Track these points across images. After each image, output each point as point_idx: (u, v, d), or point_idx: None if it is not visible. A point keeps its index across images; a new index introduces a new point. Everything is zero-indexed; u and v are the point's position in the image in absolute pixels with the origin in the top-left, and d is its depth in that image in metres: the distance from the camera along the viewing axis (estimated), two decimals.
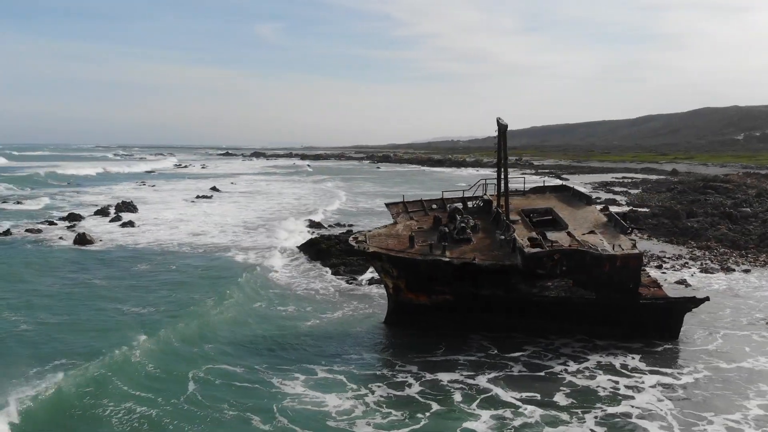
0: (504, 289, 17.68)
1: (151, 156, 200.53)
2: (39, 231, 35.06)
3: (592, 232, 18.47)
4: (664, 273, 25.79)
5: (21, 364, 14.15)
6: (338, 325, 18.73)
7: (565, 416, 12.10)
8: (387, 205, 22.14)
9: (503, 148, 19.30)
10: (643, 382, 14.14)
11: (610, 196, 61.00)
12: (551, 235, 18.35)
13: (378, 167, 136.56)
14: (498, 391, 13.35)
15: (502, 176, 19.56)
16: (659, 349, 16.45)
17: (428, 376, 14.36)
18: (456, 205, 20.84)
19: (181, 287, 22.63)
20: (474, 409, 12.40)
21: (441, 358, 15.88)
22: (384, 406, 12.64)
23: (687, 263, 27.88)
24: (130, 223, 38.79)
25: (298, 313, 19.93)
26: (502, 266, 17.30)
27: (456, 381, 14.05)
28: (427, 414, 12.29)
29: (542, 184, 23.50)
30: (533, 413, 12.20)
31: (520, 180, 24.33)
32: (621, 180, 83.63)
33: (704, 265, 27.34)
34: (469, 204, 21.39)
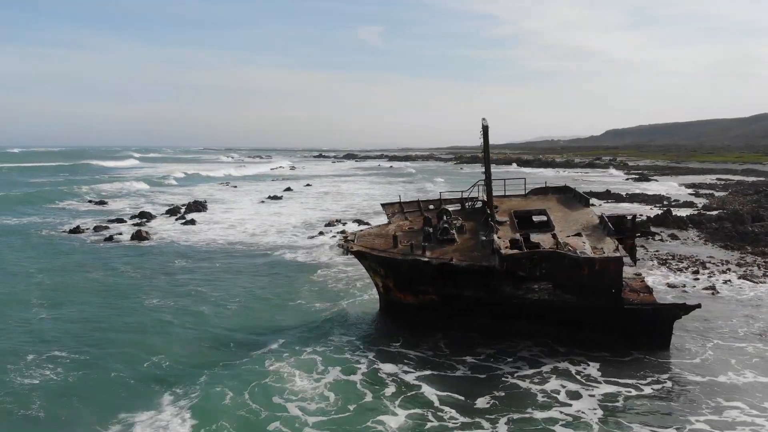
0: (486, 291, 17.54)
1: (248, 158, 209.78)
2: (106, 228, 38.13)
3: (578, 234, 17.94)
4: (696, 279, 24.34)
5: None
6: (334, 315, 19.44)
7: (477, 418, 12.02)
8: (383, 205, 22.44)
9: (487, 148, 19.15)
10: (590, 391, 13.68)
11: (692, 198, 57.48)
12: (535, 237, 18.03)
13: (461, 168, 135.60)
14: (427, 389, 13.42)
15: (493, 177, 19.40)
16: (628, 358, 15.71)
17: (377, 366, 14.76)
18: (446, 206, 20.80)
19: (200, 281, 24.12)
20: (395, 405, 12.63)
21: (396, 350, 16.27)
22: (326, 389, 13.34)
23: (729, 269, 26.09)
24: (192, 222, 41.33)
25: (292, 303, 20.82)
26: (480, 267, 17.18)
27: (394, 374, 14.35)
28: (354, 404, 12.71)
29: (544, 185, 22.90)
30: (447, 413, 12.21)
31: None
32: (715, 182, 78.32)
33: (748, 272, 25.48)
34: (467, 205, 21.30)
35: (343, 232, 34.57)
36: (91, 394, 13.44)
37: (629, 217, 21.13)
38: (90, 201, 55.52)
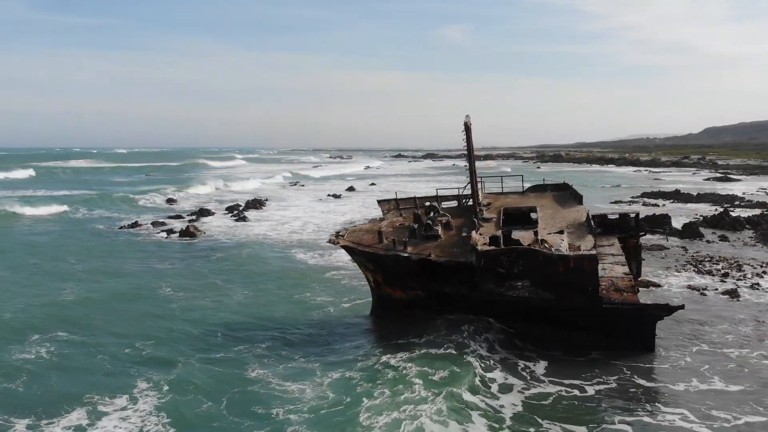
0: (468, 288, 17.58)
1: (330, 158, 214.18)
2: (162, 224, 40.62)
3: (560, 231, 17.61)
4: (723, 281, 23.17)
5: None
6: (331, 317, 19.98)
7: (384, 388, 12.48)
8: (379, 202, 22.70)
9: (470, 145, 19.11)
10: (526, 386, 13.62)
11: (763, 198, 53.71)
12: (516, 234, 17.86)
13: (538, 167, 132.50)
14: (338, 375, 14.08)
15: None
16: (582, 359, 15.38)
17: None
18: (433, 203, 20.85)
19: (218, 275, 25.48)
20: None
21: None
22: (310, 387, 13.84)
23: (766, 272, 24.50)
24: (243, 219, 43.24)
25: (293, 299, 21.59)
26: (457, 263, 17.24)
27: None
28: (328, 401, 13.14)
29: (542, 182, 22.44)
30: (335, 398, 12.72)
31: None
32: None
33: None
34: (463, 202, 21.27)
35: None
36: (72, 373, 14.70)
37: (632, 215, 20.42)
38: (168, 200, 58.53)
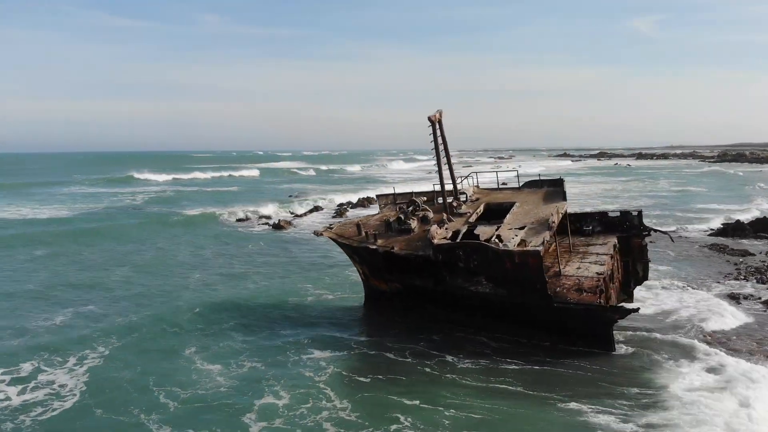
0: (433, 282, 18.01)
1: (486, 159, 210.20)
2: (269, 217, 44.44)
3: (522, 227, 17.28)
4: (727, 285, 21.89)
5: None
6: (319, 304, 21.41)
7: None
8: (377, 196, 23.19)
9: (442, 141, 19.54)
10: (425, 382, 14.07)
11: None
12: (479, 229, 17.90)
13: (709, 167, 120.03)
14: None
15: (454, 171, 19.55)
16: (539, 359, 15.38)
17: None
18: (414, 198, 20.97)
19: (274, 264, 28.11)
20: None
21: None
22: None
23: None
24: (340, 215, 45.78)
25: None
26: (416, 256, 17.71)
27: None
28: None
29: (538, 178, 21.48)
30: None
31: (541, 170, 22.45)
32: None
33: None
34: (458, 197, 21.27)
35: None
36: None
37: (634, 213, 19.12)
38: (290, 196, 62.87)
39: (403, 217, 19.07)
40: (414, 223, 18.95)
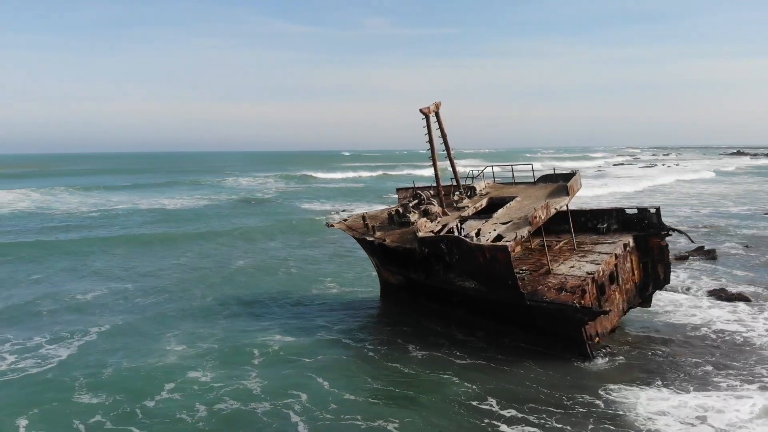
0: (424, 275, 17.91)
1: (650, 156, 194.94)
2: None
3: (506, 222, 16.47)
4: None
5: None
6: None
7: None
8: (398, 189, 22.76)
9: (441, 134, 19.09)
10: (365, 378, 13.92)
11: None
12: (469, 224, 17.41)
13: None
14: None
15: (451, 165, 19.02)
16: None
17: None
18: (420, 191, 20.45)
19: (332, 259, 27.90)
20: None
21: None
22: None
23: None
24: None
25: None
26: (404, 249, 17.60)
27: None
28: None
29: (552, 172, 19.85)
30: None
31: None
32: None
33: None
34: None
35: None
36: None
37: (652, 210, 17.28)
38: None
39: (402, 210, 18.96)
40: (414, 217, 18.74)
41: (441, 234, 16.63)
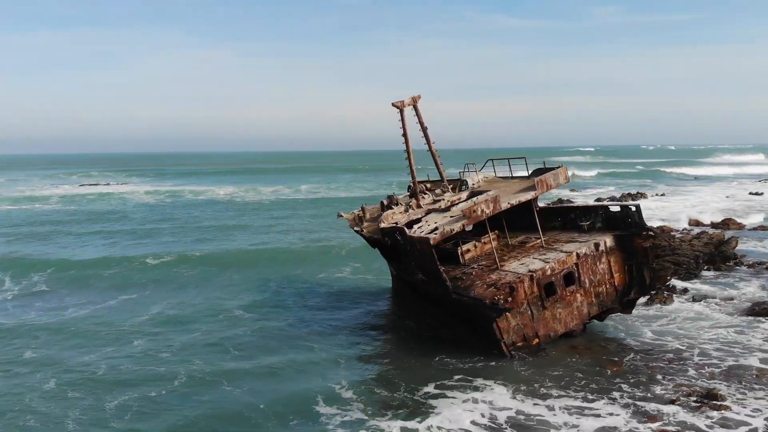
0: (396, 267, 18.05)
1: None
2: None
3: (453, 215, 16.20)
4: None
5: None
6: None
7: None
8: (409, 185, 22.67)
9: (421, 127, 18.94)
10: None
11: None
12: (429, 216, 17.01)
13: None
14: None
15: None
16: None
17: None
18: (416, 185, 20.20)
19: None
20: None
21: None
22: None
23: None
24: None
25: None
26: (372, 239, 18.06)
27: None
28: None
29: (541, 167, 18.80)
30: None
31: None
32: None
33: None
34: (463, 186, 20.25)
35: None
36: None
37: (632, 208, 16.02)
38: None
39: (386, 203, 19.20)
40: (400, 209, 18.88)
41: (397, 225, 16.59)
